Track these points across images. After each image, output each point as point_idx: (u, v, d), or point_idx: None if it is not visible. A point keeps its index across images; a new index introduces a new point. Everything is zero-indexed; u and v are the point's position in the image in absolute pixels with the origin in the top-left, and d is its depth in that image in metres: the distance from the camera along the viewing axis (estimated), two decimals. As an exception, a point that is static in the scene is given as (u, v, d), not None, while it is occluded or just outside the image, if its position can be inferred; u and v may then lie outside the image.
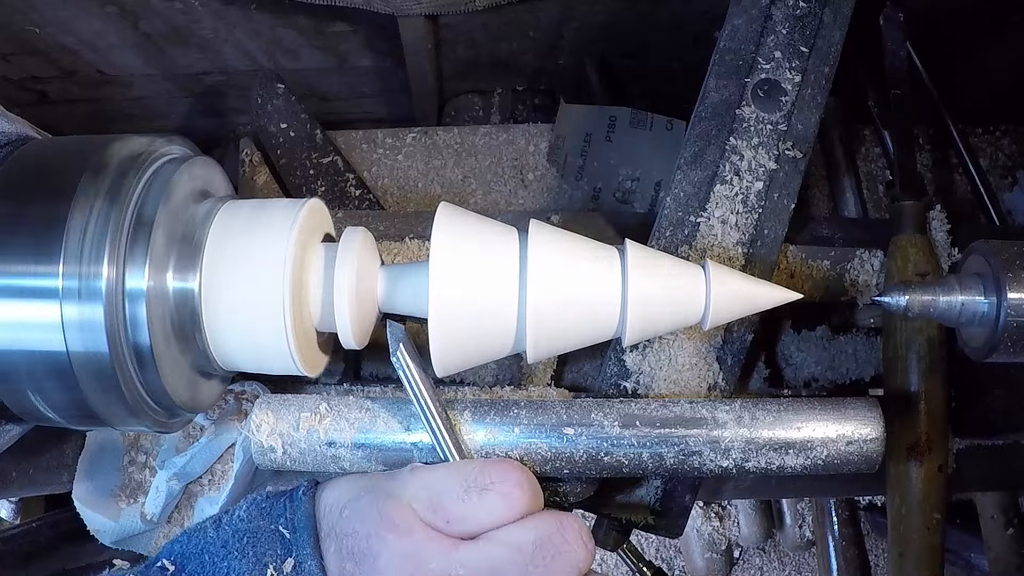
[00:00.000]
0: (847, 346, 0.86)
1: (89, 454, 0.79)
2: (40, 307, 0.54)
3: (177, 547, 0.56)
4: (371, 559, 0.52)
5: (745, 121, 0.72)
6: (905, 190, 0.79)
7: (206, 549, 0.55)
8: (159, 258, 0.56)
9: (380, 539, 0.52)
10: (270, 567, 0.53)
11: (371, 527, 0.53)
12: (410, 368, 0.57)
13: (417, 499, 0.54)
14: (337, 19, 1.06)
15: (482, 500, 0.53)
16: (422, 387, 0.57)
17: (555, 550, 0.52)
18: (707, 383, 0.71)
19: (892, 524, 0.75)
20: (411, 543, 0.52)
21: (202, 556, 0.54)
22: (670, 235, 0.72)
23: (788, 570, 2.02)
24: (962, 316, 0.61)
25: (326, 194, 1.01)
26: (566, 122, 1.10)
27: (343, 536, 0.53)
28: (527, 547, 0.51)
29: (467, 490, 0.53)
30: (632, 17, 1.07)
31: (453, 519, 0.53)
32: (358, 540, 0.53)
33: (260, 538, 0.54)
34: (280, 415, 0.62)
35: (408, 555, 0.51)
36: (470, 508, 0.53)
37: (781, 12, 0.74)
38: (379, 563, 0.52)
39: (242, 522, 0.55)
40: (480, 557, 0.51)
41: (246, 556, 0.54)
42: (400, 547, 0.52)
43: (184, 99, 1.28)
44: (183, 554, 0.55)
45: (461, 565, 0.51)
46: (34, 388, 0.56)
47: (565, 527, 0.53)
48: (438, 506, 0.53)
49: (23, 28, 1.03)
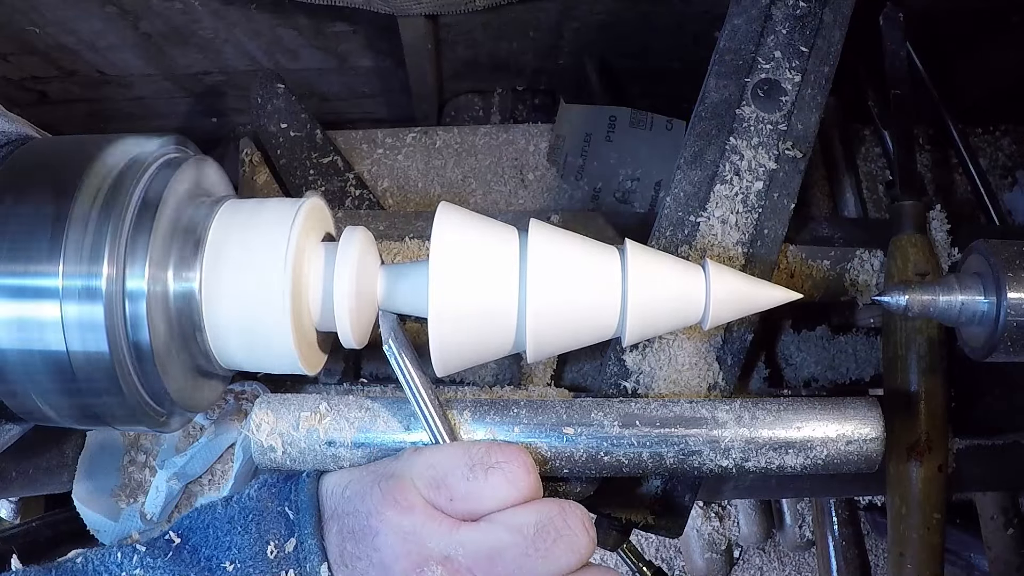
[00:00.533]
0: (847, 346, 0.86)
1: (89, 454, 0.79)
2: (40, 306, 0.54)
3: (186, 521, 0.57)
4: (371, 537, 0.52)
5: (745, 121, 0.72)
6: (905, 190, 0.79)
7: (212, 524, 0.55)
8: (159, 258, 0.56)
9: (380, 516, 0.52)
10: (271, 543, 0.54)
11: (372, 505, 0.53)
12: (402, 355, 0.57)
13: (420, 477, 0.53)
14: (337, 19, 1.06)
15: (487, 479, 0.52)
16: (413, 374, 0.58)
17: (556, 534, 0.51)
18: (707, 383, 0.71)
19: (892, 524, 0.75)
20: (411, 521, 0.51)
21: (207, 530, 0.55)
22: (670, 235, 0.72)
23: (788, 570, 2.02)
24: (962, 316, 0.61)
25: (326, 194, 1.01)
26: (566, 122, 1.10)
27: (344, 516, 0.54)
28: (528, 530, 0.51)
29: (472, 468, 0.53)
30: (632, 17, 1.07)
31: (457, 497, 0.52)
32: (358, 519, 0.53)
33: (265, 517, 0.55)
34: (280, 415, 0.62)
35: (407, 533, 0.51)
36: (475, 487, 0.52)
37: (781, 12, 0.74)
38: (378, 540, 0.51)
39: (251, 500, 0.56)
40: (480, 538, 0.51)
41: (249, 532, 0.54)
42: (400, 524, 0.51)
43: (184, 99, 1.28)
44: (190, 527, 0.56)
45: (460, 545, 0.51)
46: (34, 388, 0.56)
47: (567, 512, 0.52)
48: (442, 484, 0.53)
49: (23, 28, 1.03)
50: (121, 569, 0.53)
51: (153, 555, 0.54)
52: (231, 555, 0.54)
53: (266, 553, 0.53)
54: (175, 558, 0.54)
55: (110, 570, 0.53)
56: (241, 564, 0.53)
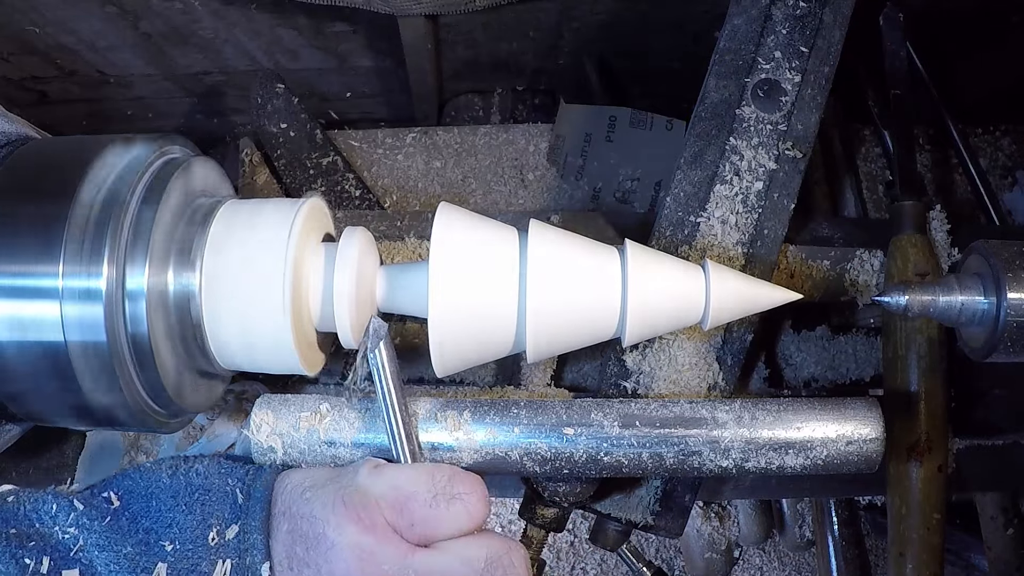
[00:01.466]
0: (847, 346, 0.86)
1: (89, 454, 0.79)
2: (40, 306, 0.54)
3: (127, 483, 0.55)
4: (325, 547, 0.52)
5: (745, 121, 0.72)
6: (905, 190, 0.79)
7: (155, 494, 0.54)
8: (159, 258, 0.56)
9: (339, 529, 0.52)
10: (213, 529, 0.53)
11: (332, 515, 0.53)
12: (384, 367, 0.56)
13: (384, 497, 0.54)
14: (337, 19, 1.06)
15: (449, 509, 0.54)
16: (392, 388, 0.57)
17: (503, 571, 0.53)
18: (707, 383, 0.71)
19: (892, 524, 0.75)
20: (370, 541, 0.52)
21: (149, 500, 0.54)
22: (670, 235, 0.72)
23: (788, 570, 2.02)
24: (962, 316, 0.61)
25: (326, 194, 1.01)
26: (566, 122, 1.10)
27: (299, 518, 0.53)
28: (478, 564, 0.53)
29: (436, 496, 0.54)
30: (632, 17, 1.07)
31: (417, 522, 0.54)
32: (315, 525, 0.53)
33: (211, 496, 0.54)
34: (280, 415, 0.61)
35: (364, 551, 0.52)
36: (435, 514, 0.54)
37: (781, 12, 0.74)
38: (332, 553, 0.52)
39: (198, 476, 0.55)
40: (434, 566, 0.52)
41: (192, 512, 0.53)
42: (359, 542, 0.52)
43: (184, 99, 1.28)
44: (132, 491, 0.55)
45: (414, 571, 0.52)
46: (34, 387, 0.56)
47: (512, 550, 0.55)
48: (405, 508, 0.54)
49: (23, 28, 1.03)
50: (55, 523, 0.51)
51: (90, 516, 0.52)
52: (171, 534, 0.52)
53: (207, 538, 0.52)
54: (113, 524, 0.52)
55: (43, 520, 0.51)
56: (181, 546, 0.52)
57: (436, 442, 0.61)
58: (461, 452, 0.61)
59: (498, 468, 0.62)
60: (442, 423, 0.61)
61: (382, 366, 0.56)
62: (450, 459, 0.62)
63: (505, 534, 0.58)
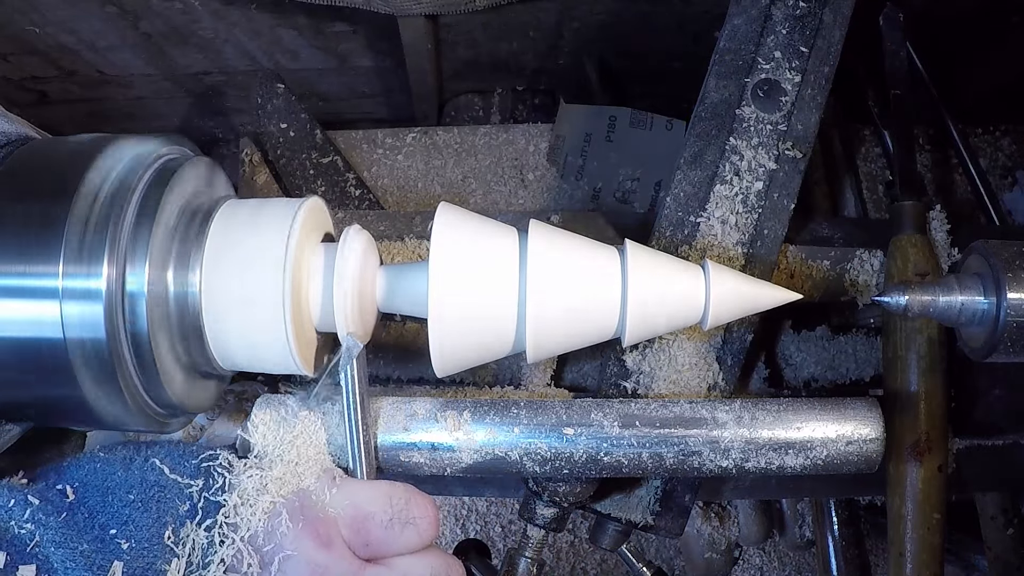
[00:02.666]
0: (847, 346, 0.86)
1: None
2: (40, 307, 0.54)
3: (81, 473, 0.55)
4: (278, 556, 0.53)
5: (745, 121, 0.72)
6: (905, 190, 0.79)
7: (111, 489, 0.54)
8: (159, 258, 0.56)
9: (296, 542, 0.53)
10: (169, 528, 0.53)
11: (289, 527, 0.54)
12: (354, 384, 0.58)
13: (343, 515, 0.56)
14: (337, 19, 1.06)
15: (403, 532, 0.56)
16: (358, 405, 0.58)
17: None
18: (707, 383, 0.71)
19: (892, 524, 0.75)
20: (325, 557, 0.53)
21: (105, 495, 0.54)
22: (670, 235, 0.72)
23: (788, 570, 2.02)
24: (962, 316, 0.61)
25: (326, 194, 1.01)
26: (566, 122, 1.10)
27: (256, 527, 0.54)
28: None
29: (392, 519, 0.56)
30: (632, 17, 1.07)
31: (372, 542, 0.56)
32: (271, 534, 0.54)
33: (166, 494, 0.54)
34: (280, 415, 0.61)
35: (318, 566, 0.53)
36: (390, 536, 0.56)
37: (781, 12, 0.74)
38: (287, 564, 0.53)
39: (153, 471, 0.55)
40: None
41: (148, 511, 0.53)
42: (315, 557, 0.53)
43: (184, 99, 1.28)
44: (86, 484, 0.54)
45: None
46: (34, 388, 0.56)
47: (451, 567, 0.58)
48: (362, 528, 0.56)
49: (23, 28, 1.03)
50: (10, 517, 0.51)
51: (46, 511, 0.51)
52: (127, 532, 0.52)
53: (162, 537, 0.53)
54: (68, 520, 0.52)
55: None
56: (136, 544, 0.52)
57: (436, 442, 0.61)
58: (461, 452, 0.61)
59: (498, 468, 0.62)
60: (442, 423, 0.61)
61: (351, 382, 0.58)
62: (450, 459, 0.62)
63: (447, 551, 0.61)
